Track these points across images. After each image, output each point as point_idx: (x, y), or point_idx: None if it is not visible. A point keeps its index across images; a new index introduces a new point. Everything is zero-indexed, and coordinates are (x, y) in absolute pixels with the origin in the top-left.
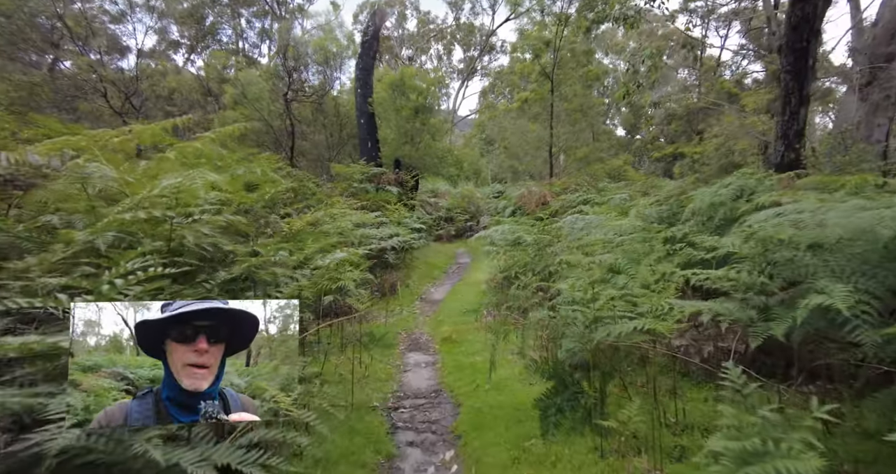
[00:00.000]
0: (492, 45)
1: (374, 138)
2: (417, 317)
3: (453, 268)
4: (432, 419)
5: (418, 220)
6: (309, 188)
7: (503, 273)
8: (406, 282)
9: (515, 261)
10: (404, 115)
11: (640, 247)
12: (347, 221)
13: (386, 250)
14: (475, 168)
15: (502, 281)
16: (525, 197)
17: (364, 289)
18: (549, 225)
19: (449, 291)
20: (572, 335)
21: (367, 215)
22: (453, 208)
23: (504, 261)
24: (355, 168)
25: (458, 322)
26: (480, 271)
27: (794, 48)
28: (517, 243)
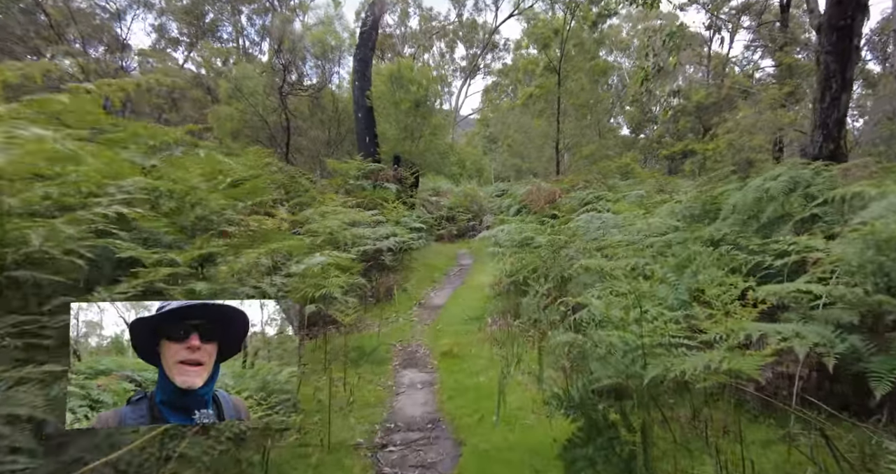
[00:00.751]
0: (494, 43)
1: (373, 133)
2: (415, 326)
3: (455, 271)
4: (427, 462)
5: (418, 219)
6: (301, 185)
7: (510, 277)
8: (404, 285)
9: (524, 264)
10: (404, 108)
11: (678, 250)
12: (338, 220)
13: (382, 251)
14: (478, 166)
15: (508, 285)
16: (532, 194)
17: (353, 296)
18: (563, 224)
19: (450, 296)
20: (608, 366)
21: (361, 213)
22: (455, 207)
23: (511, 265)
24: (351, 164)
25: (460, 331)
26: (484, 274)
27: (837, 26)
28: (525, 244)
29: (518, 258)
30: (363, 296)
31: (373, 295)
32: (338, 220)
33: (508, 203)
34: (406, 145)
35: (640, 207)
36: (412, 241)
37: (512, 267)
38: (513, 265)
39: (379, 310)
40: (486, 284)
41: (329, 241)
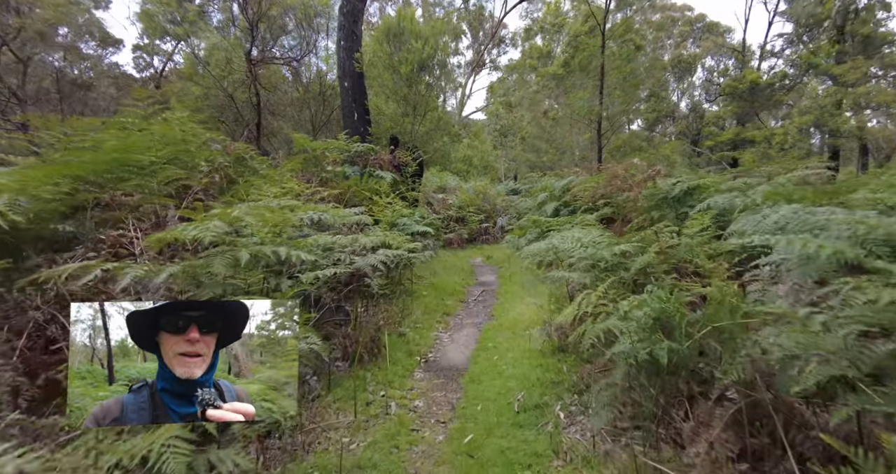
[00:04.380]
0: (501, 38)
1: (363, 108)
2: (420, 431)
3: (476, 294)
4: None
5: (422, 220)
6: (251, 168)
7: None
8: (400, 325)
9: (639, 316)
10: (404, 73)
11: None
12: (272, 218)
13: (367, 273)
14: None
15: (580, 336)
16: (612, 176)
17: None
18: (698, 225)
19: (475, 345)
20: None
21: (337, 210)
22: (465, 207)
23: (594, 300)
24: (329, 143)
25: (510, 450)
26: (520, 301)
27: None
28: (618, 268)
29: (616, 293)
30: (319, 369)
31: (343, 356)
32: (272, 219)
33: (544, 197)
34: (406, 124)
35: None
36: (414, 254)
37: (595, 304)
38: (595, 301)
39: (352, 384)
40: (528, 321)
41: (253, 262)
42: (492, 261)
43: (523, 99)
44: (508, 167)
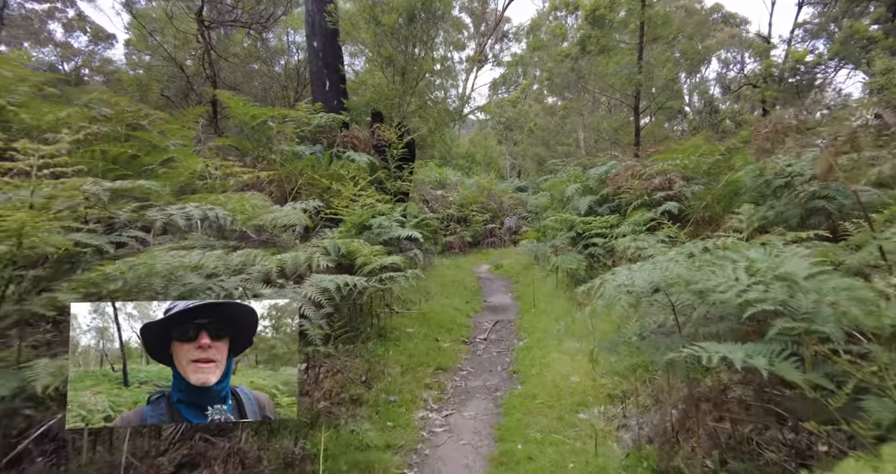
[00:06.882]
0: (504, 33)
1: (336, 74)
2: None
3: (484, 327)
4: None
5: (413, 221)
6: (159, 147)
7: None
8: (359, 402)
9: None
10: (388, 27)
11: None
12: None
13: (310, 317)
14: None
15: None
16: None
17: None
18: None
19: (495, 453)
20: None
21: (242, 201)
22: (467, 205)
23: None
24: (277, 110)
25: None
26: (554, 342)
27: None
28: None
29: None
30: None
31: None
32: None
33: (572, 192)
34: (392, 94)
35: None
36: (390, 278)
37: None
38: None
39: None
40: (578, 390)
41: None
42: (502, 270)
43: (533, 85)
44: (513, 164)
